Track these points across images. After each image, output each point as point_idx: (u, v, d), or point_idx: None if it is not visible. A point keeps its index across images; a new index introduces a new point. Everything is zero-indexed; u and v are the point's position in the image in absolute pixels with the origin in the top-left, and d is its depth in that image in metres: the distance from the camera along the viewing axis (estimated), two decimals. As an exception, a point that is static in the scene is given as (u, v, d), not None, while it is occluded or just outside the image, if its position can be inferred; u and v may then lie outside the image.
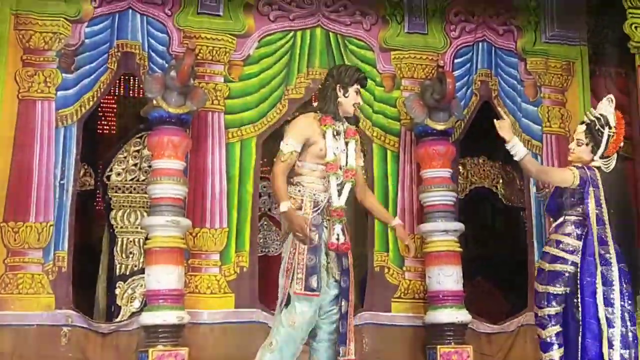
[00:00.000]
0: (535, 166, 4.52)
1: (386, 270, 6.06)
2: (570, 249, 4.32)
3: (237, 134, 5.98)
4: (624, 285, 4.24)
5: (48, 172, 5.47)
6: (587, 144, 4.41)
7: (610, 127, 4.42)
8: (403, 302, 6.03)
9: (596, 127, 4.42)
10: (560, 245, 4.34)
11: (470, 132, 6.42)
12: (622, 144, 4.57)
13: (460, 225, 5.91)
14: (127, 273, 6.21)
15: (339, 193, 3.78)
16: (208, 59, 5.97)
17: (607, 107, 4.50)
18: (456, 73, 6.28)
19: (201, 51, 5.90)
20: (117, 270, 6.19)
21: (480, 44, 6.53)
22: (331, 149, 3.77)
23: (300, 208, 3.72)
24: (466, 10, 6.55)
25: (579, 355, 4.20)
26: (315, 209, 3.72)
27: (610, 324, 4.11)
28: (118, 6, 5.81)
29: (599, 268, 4.20)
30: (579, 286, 4.24)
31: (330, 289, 3.74)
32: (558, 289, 4.30)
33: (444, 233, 5.86)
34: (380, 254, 6.09)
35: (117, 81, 6.43)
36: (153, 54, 5.83)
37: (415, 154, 6.16)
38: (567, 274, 4.29)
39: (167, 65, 5.67)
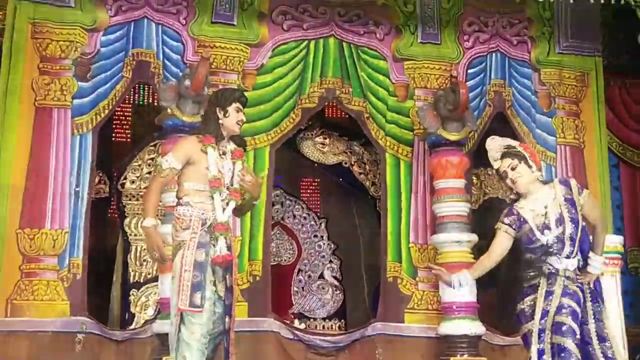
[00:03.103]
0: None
1: (399, 280, 6.05)
2: None
3: (251, 143, 5.98)
4: None
5: (63, 179, 5.51)
6: (519, 163, 4.02)
7: (517, 147, 4.12)
8: (416, 313, 6.01)
9: (511, 151, 4.08)
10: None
11: (483, 143, 6.38)
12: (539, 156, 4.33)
13: (473, 236, 5.88)
14: (141, 281, 6.24)
15: (223, 209, 3.81)
16: (222, 68, 6.00)
17: (498, 141, 4.21)
18: (469, 83, 6.29)
19: (215, 60, 5.93)
20: (131, 278, 6.22)
21: (493, 54, 6.53)
22: (214, 166, 3.80)
23: (188, 227, 3.74)
24: (480, 21, 6.56)
25: None
26: (202, 227, 3.75)
27: None
28: (133, 15, 5.86)
29: None
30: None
31: (215, 306, 3.76)
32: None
33: (457, 244, 5.82)
34: (394, 264, 6.08)
35: (132, 89, 6.44)
36: (168, 63, 5.88)
37: (428, 164, 6.16)
38: None
39: (181, 73, 5.70)
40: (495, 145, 4.14)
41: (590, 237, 4.01)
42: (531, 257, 3.95)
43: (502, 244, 3.93)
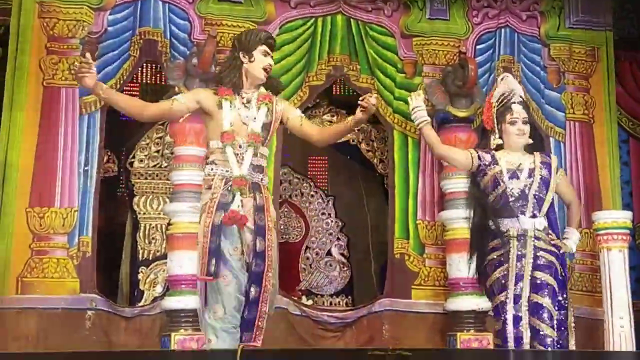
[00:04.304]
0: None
1: (406, 257, 6.06)
2: None
3: (258, 121, 5.99)
4: None
5: (72, 158, 5.55)
6: (528, 122, 4.04)
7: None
8: (423, 289, 6.02)
9: (527, 107, 4.09)
10: None
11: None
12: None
13: (481, 213, 5.87)
14: (150, 258, 6.29)
15: (240, 162, 3.54)
16: (229, 46, 5.95)
17: (517, 85, 4.15)
18: (478, 59, 6.24)
19: (222, 38, 5.92)
20: (140, 256, 6.27)
21: (502, 29, 6.46)
22: (227, 120, 3.55)
23: (210, 187, 3.53)
24: (489, -4, 6.50)
25: None
26: (225, 185, 3.50)
27: None
28: (140, -7, 5.86)
29: None
30: None
31: (240, 272, 3.47)
32: None
33: (465, 220, 5.77)
34: (401, 241, 6.08)
35: (140, 69, 6.46)
36: (175, 41, 5.87)
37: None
38: None
39: (188, 52, 5.71)
40: (517, 86, 4.07)
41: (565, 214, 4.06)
42: (496, 223, 3.93)
43: (463, 152, 4.03)
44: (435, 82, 6.06)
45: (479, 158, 3.95)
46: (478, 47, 6.39)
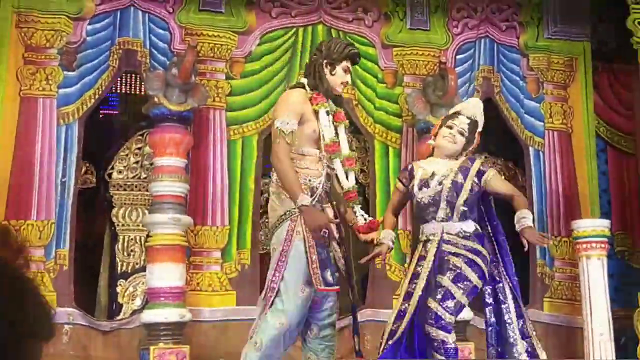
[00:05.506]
0: None
1: (388, 267, 6.06)
2: None
3: (239, 131, 5.98)
4: None
5: (49, 170, 5.48)
6: (465, 136, 3.90)
7: (479, 129, 4.01)
8: (405, 299, 6.02)
9: (472, 125, 3.95)
10: None
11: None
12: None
13: (461, 222, 5.88)
14: (129, 271, 6.20)
15: (346, 176, 3.48)
16: (209, 56, 5.98)
17: (478, 108, 4.05)
18: (458, 69, 6.28)
19: (202, 48, 5.90)
20: (119, 268, 6.18)
21: (482, 40, 6.51)
22: (327, 130, 3.39)
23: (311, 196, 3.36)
24: (469, 7, 6.54)
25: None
26: (313, 196, 3.35)
27: None
28: (120, 3, 5.82)
29: None
30: None
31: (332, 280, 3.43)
32: None
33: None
34: (382, 251, 6.07)
35: (119, 79, 6.41)
36: (155, 51, 5.84)
37: (417, 150, 6.15)
38: None
39: (168, 62, 5.68)
40: (474, 109, 4.04)
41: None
42: (418, 231, 3.99)
43: (394, 196, 4.14)
44: (416, 92, 6.07)
45: (402, 183, 4.01)
46: (458, 57, 6.43)
